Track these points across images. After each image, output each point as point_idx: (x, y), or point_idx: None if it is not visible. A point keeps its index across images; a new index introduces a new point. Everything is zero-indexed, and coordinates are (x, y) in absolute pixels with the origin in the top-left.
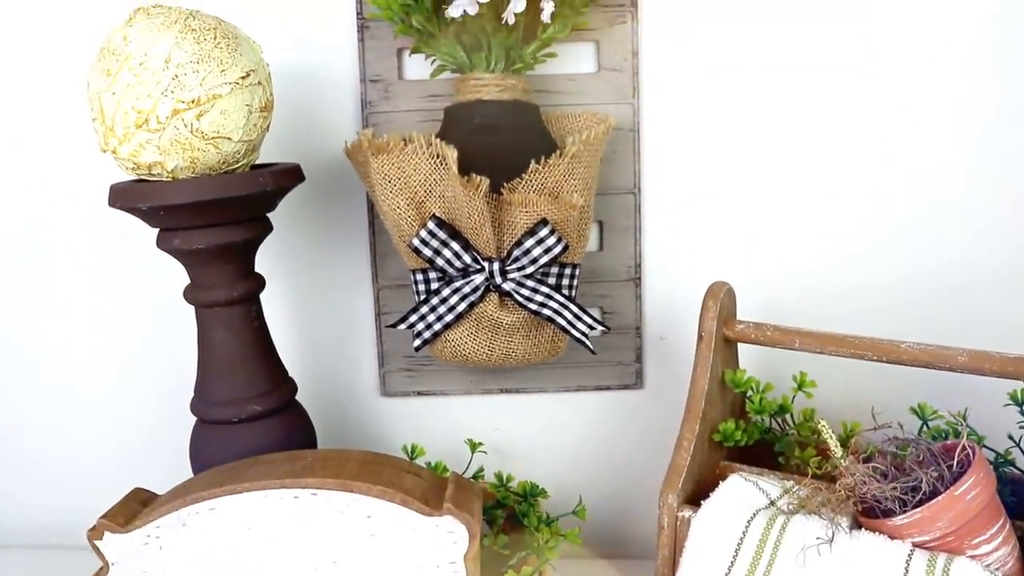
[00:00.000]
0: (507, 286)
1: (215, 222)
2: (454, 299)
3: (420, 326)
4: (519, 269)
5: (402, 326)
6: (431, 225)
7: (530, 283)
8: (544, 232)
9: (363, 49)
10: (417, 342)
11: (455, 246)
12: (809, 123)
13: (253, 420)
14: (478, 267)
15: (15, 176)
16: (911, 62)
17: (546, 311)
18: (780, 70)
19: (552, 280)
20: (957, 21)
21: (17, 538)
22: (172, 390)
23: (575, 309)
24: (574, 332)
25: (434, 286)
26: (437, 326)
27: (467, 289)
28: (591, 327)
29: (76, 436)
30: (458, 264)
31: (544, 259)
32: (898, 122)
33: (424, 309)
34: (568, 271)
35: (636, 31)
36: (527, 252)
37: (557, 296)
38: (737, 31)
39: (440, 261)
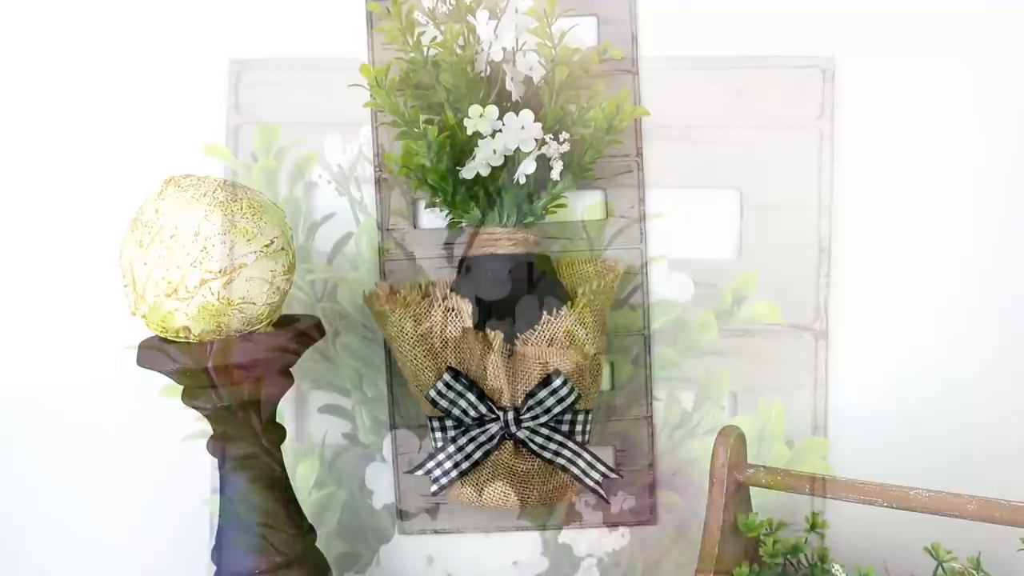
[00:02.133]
0: (521, 434)
1: (239, 381)
2: (470, 447)
3: (437, 472)
4: (533, 418)
5: (419, 472)
6: (447, 377)
7: (544, 431)
8: (557, 383)
9: (380, 200)
10: (434, 487)
11: (471, 397)
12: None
13: (274, 571)
14: (493, 416)
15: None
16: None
17: (560, 459)
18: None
19: (565, 427)
20: None
21: None
22: (191, 539)
23: (588, 457)
24: (588, 481)
25: (451, 434)
26: (453, 473)
27: (483, 438)
28: (605, 475)
29: None
30: (473, 413)
31: (558, 409)
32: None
33: (441, 456)
34: (581, 417)
35: (642, 180)
36: (541, 402)
37: (570, 444)
38: None
39: (456, 411)
